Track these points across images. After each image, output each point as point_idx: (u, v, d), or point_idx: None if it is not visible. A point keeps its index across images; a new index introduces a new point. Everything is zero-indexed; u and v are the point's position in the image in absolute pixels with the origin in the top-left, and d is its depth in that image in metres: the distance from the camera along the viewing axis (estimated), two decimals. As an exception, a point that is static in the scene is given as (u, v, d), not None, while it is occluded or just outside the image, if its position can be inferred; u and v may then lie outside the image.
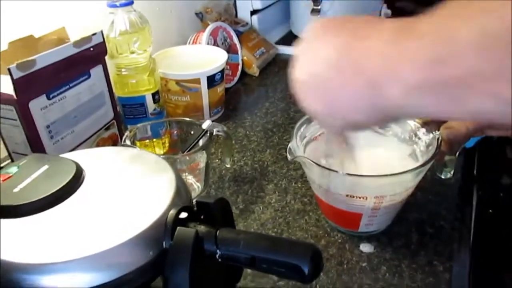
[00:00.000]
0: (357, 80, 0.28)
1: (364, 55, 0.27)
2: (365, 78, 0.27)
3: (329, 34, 0.30)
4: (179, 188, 0.37)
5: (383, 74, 0.26)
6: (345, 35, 0.29)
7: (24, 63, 0.44)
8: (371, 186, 0.46)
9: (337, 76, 0.29)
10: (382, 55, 0.26)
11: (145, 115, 0.65)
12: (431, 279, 0.45)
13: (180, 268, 0.31)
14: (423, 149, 0.50)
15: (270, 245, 0.33)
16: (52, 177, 0.36)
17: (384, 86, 0.26)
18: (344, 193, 0.46)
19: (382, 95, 0.27)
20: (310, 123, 0.53)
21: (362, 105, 0.29)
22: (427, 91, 0.24)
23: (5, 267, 0.29)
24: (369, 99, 0.28)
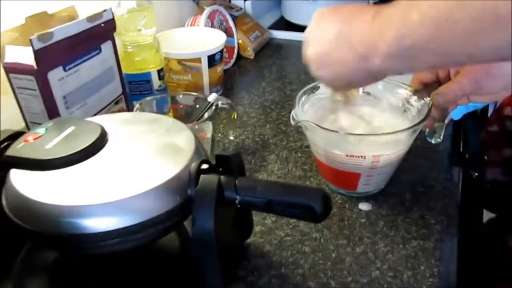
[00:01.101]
0: (349, 54, 0.38)
1: (352, 35, 0.38)
2: (356, 52, 0.37)
3: (328, 19, 0.41)
4: (197, 144, 0.40)
5: (368, 48, 0.36)
6: (340, 20, 0.39)
7: (44, 35, 0.47)
8: (369, 145, 0.50)
9: (336, 51, 0.39)
10: (364, 32, 0.37)
11: (150, 91, 0.68)
12: (424, 230, 0.49)
13: (206, 209, 0.34)
14: (415, 114, 0.54)
15: (285, 189, 0.37)
16: (79, 136, 0.39)
17: (370, 57, 0.36)
18: (344, 154, 0.50)
19: (370, 64, 0.37)
20: (310, 93, 0.57)
21: (358, 72, 0.39)
22: (396, 57, 0.35)
23: (51, 210, 0.32)
24: (363, 68, 0.38)
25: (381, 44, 0.35)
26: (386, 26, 0.34)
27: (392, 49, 0.34)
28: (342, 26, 0.39)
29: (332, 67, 0.41)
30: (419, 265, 0.45)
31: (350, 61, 0.38)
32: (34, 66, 0.48)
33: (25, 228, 0.33)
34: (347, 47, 0.38)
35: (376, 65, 0.36)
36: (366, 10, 0.37)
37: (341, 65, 0.40)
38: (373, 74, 0.39)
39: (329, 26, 0.40)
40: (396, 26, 0.33)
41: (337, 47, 0.39)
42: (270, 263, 0.46)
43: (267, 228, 0.51)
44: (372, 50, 0.36)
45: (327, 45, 0.40)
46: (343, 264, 0.46)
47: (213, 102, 0.59)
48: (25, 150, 0.37)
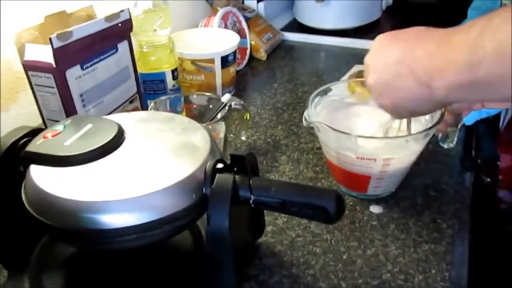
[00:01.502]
0: (412, 82, 0.37)
1: (415, 63, 0.37)
2: (417, 79, 0.36)
3: (389, 45, 0.40)
4: (213, 144, 0.40)
5: (431, 76, 0.35)
6: (401, 46, 0.38)
7: (63, 34, 0.48)
8: (380, 148, 0.50)
9: (396, 79, 0.39)
10: (428, 59, 0.35)
11: (164, 91, 0.68)
12: (436, 234, 0.49)
13: (221, 207, 0.35)
14: (428, 118, 0.54)
15: (299, 190, 0.37)
16: (97, 133, 0.40)
17: (433, 84, 0.35)
18: (355, 156, 0.50)
19: (433, 92, 0.36)
20: (323, 95, 0.57)
21: (418, 100, 0.38)
22: (464, 87, 0.33)
23: (71, 205, 0.33)
24: (426, 97, 0.37)
25: (448, 72, 0.33)
26: (455, 53, 0.33)
27: (461, 78, 0.32)
28: (403, 53, 0.38)
29: (393, 95, 0.40)
30: (430, 268, 0.45)
31: (412, 89, 0.37)
32: (53, 64, 0.49)
33: (44, 222, 0.34)
34: (408, 75, 0.37)
35: (440, 94, 0.35)
36: (431, 35, 0.36)
37: (402, 94, 0.39)
38: (437, 103, 0.38)
39: (390, 53, 0.39)
40: (467, 54, 0.32)
41: (397, 75, 0.38)
42: (281, 262, 0.47)
43: (279, 228, 0.51)
44: (436, 78, 0.35)
45: (387, 73, 0.39)
46: (354, 266, 0.46)
47: (226, 102, 0.60)
48: (45, 147, 0.38)
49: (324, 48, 1.05)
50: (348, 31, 1.09)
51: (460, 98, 0.36)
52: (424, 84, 0.36)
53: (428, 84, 0.36)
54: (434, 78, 0.35)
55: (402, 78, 0.38)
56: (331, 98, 0.58)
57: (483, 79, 0.31)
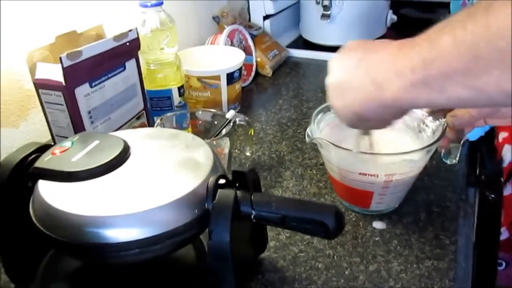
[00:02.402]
0: (365, 81, 0.36)
1: (373, 63, 0.36)
2: (372, 79, 0.35)
3: (353, 50, 0.40)
4: (215, 160, 0.41)
5: (386, 75, 0.34)
6: (363, 50, 0.38)
7: (73, 53, 0.50)
8: (382, 164, 0.50)
9: (352, 79, 0.38)
10: (386, 62, 0.34)
11: (171, 107, 0.70)
12: (439, 250, 0.49)
13: (222, 222, 0.35)
14: (430, 134, 0.54)
15: (298, 205, 0.38)
16: (104, 150, 0.41)
17: (385, 84, 0.34)
18: (357, 171, 0.51)
19: (384, 92, 0.34)
20: (326, 111, 0.58)
21: (367, 101, 0.37)
22: (420, 85, 0.32)
23: (75, 220, 0.34)
24: (375, 96, 0.36)
25: (403, 72, 0.32)
26: (412, 52, 0.32)
27: (416, 75, 0.31)
28: (364, 56, 0.37)
29: (345, 96, 0.39)
30: (433, 285, 0.45)
31: (363, 87, 0.36)
32: (63, 82, 0.50)
33: (50, 236, 0.35)
34: (364, 73, 0.36)
35: (391, 94, 0.34)
36: (389, 43, 0.36)
37: (353, 94, 0.38)
38: (385, 106, 0.36)
39: (352, 56, 0.39)
40: (424, 51, 0.31)
41: (353, 76, 0.38)
42: (283, 278, 0.47)
43: (281, 243, 0.52)
44: (391, 77, 0.33)
45: (344, 74, 0.39)
46: (356, 282, 0.46)
47: (231, 118, 0.61)
48: (53, 162, 0.39)
49: (329, 64, 1.06)
50: (353, 47, 1.10)
51: (413, 98, 0.33)
52: (376, 84, 0.35)
53: (380, 85, 0.34)
54: (388, 79, 0.34)
55: (357, 78, 0.37)
56: (334, 115, 0.59)
57: (435, 75, 0.30)
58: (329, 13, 1.06)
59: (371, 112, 0.38)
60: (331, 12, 1.07)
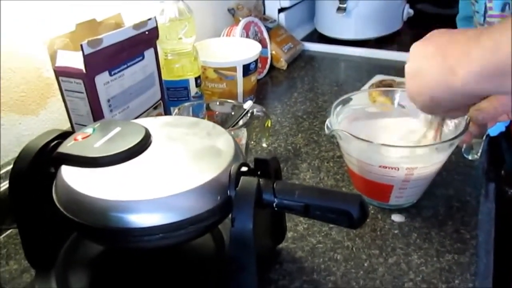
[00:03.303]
0: (441, 67, 0.37)
1: (450, 49, 0.37)
2: (446, 62, 0.37)
3: (436, 37, 0.41)
4: (237, 148, 0.41)
5: (458, 60, 0.36)
6: (444, 37, 0.39)
7: (94, 41, 0.50)
8: (403, 157, 0.50)
9: (429, 65, 0.39)
10: (461, 48, 0.36)
11: (187, 98, 0.70)
12: (459, 245, 0.49)
13: (245, 210, 0.35)
14: (452, 128, 0.54)
15: (322, 194, 0.38)
16: (125, 136, 0.41)
17: (457, 68, 0.36)
18: (378, 164, 0.50)
19: (455, 79, 0.36)
20: (345, 103, 0.57)
21: (439, 85, 0.38)
22: (489, 73, 0.34)
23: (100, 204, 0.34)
24: (447, 82, 0.37)
25: (473, 56, 0.34)
26: (484, 37, 0.34)
27: (484, 63, 0.33)
28: (445, 41, 0.38)
29: (420, 81, 0.41)
30: (454, 279, 0.45)
31: (438, 72, 0.38)
32: (83, 70, 0.50)
33: (74, 221, 0.35)
34: (441, 60, 0.38)
35: (461, 80, 0.35)
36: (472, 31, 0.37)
37: (427, 79, 0.39)
38: (456, 91, 0.37)
39: (432, 41, 0.40)
40: (493, 40, 0.33)
41: (429, 62, 0.39)
42: (302, 268, 0.47)
43: (299, 234, 0.51)
44: (462, 63, 0.35)
45: (422, 61, 0.40)
46: (375, 274, 0.46)
47: (249, 109, 0.61)
48: (75, 148, 0.39)
49: (344, 58, 1.06)
50: (368, 41, 1.10)
51: (479, 87, 0.35)
52: (448, 69, 0.36)
53: (452, 70, 0.36)
54: (459, 64, 0.35)
55: (432, 64, 0.38)
56: (353, 107, 0.59)
57: (504, 62, 0.32)
58: (345, 6, 1.05)
59: (443, 97, 0.39)
60: (347, 5, 1.06)
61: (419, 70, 0.40)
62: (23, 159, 0.41)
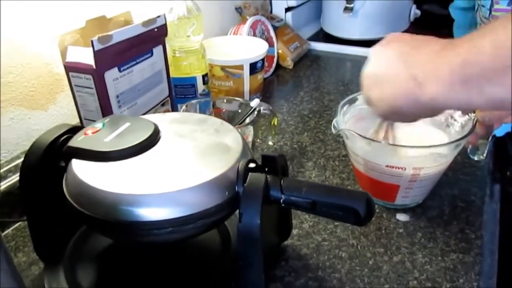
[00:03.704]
0: (405, 76, 0.36)
1: (415, 59, 0.36)
2: (411, 75, 0.36)
3: (396, 43, 0.39)
4: (244, 145, 0.42)
5: (426, 73, 0.34)
6: (406, 44, 0.38)
7: (104, 37, 0.50)
8: (410, 157, 0.50)
9: (391, 72, 0.38)
10: (427, 60, 0.35)
11: (194, 95, 0.70)
12: (464, 244, 0.49)
13: (253, 205, 0.35)
14: (458, 129, 0.54)
15: (329, 191, 0.38)
16: (135, 132, 0.41)
17: (425, 82, 0.34)
18: (384, 164, 0.51)
19: (422, 90, 0.35)
20: (352, 103, 0.58)
21: (404, 96, 0.37)
22: (458, 87, 0.32)
23: (111, 198, 0.34)
24: (411, 92, 0.36)
25: (442, 72, 0.33)
26: (453, 53, 0.33)
27: (455, 77, 0.32)
28: (405, 48, 0.37)
29: (381, 88, 0.39)
30: (458, 278, 0.45)
31: (401, 81, 0.37)
32: (93, 66, 0.51)
33: (84, 214, 0.36)
34: (404, 68, 0.36)
35: (431, 92, 0.34)
36: (440, 40, 0.36)
37: (390, 88, 0.38)
38: (421, 103, 0.36)
39: (393, 47, 0.39)
40: (464, 52, 0.32)
41: (393, 69, 0.38)
42: (307, 265, 0.47)
43: (305, 232, 0.52)
44: (430, 76, 0.34)
45: (383, 66, 0.39)
46: (380, 272, 0.46)
47: (255, 107, 0.61)
48: (86, 142, 0.40)
49: (350, 58, 1.06)
50: (375, 41, 1.10)
51: (447, 101, 0.34)
52: (416, 81, 0.35)
53: (419, 82, 0.35)
54: (428, 78, 0.34)
55: (396, 72, 0.37)
56: (359, 107, 0.59)
57: (474, 76, 0.31)
58: (352, 6, 1.05)
59: (406, 107, 0.38)
60: (353, 5, 1.06)
61: (381, 76, 0.39)
62: (34, 152, 0.41)
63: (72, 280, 0.42)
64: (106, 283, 0.43)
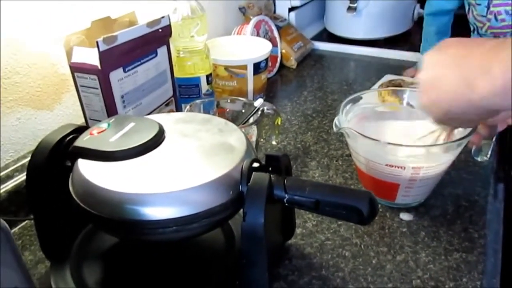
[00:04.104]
0: (457, 79, 0.36)
1: (465, 62, 0.36)
2: (463, 78, 0.36)
3: (450, 48, 0.39)
4: (248, 144, 0.42)
5: (477, 73, 0.35)
6: (462, 49, 0.38)
7: (109, 38, 0.51)
8: (410, 156, 0.50)
9: (445, 77, 0.38)
10: (479, 60, 0.35)
11: (198, 95, 0.71)
12: (467, 243, 0.49)
13: (257, 205, 0.36)
14: (461, 129, 0.54)
15: (333, 190, 0.38)
16: (139, 132, 0.42)
17: (476, 83, 0.35)
18: (384, 163, 0.51)
19: (474, 91, 0.35)
20: (355, 102, 0.58)
21: (458, 99, 0.37)
22: (507, 89, 0.32)
23: (116, 197, 0.35)
24: (464, 95, 0.36)
25: (493, 71, 0.33)
26: (504, 53, 0.32)
27: (505, 74, 0.32)
28: (459, 52, 0.38)
29: (435, 92, 0.39)
30: (461, 277, 0.45)
31: (454, 86, 0.37)
32: (98, 66, 0.51)
33: (90, 212, 0.36)
34: (457, 72, 0.37)
35: (480, 93, 0.34)
36: (493, 40, 0.36)
37: (444, 91, 0.38)
38: (474, 106, 0.36)
39: (448, 52, 0.39)
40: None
41: (446, 73, 0.38)
42: (310, 264, 0.47)
43: (308, 231, 0.52)
44: (480, 77, 0.34)
45: (438, 71, 0.39)
46: (383, 271, 0.46)
47: (259, 107, 0.61)
48: (91, 142, 0.40)
49: (354, 57, 1.06)
50: (378, 41, 1.10)
51: (501, 101, 0.34)
52: (467, 82, 0.35)
53: (471, 83, 0.35)
54: (479, 77, 0.34)
55: (449, 76, 0.37)
56: (362, 106, 0.59)
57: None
58: (356, 6, 1.05)
59: (460, 111, 0.38)
60: (357, 5, 1.06)
61: (436, 81, 0.39)
62: (40, 152, 0.42)
63: (78, 278, 0.43)
64: (112, 281, 0.43)
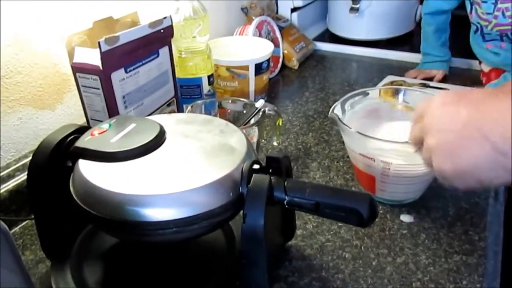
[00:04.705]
0: (483, 146, 0.33)
1: (484, 121, 0.33)
2: (491, 144, 0.32)
3: (452, 105, 0.36)
4: (249, 146, 0.42)
5: (507, 141, 0.31)
6: (466, 104, 0.35)
7: (111, 38, 0.51)
8: (377, 149, 0.51)
9: (464, 143, 0.34)
10: (502, 123, 0.32)
11: (200, 95, 0.71)
12: (468, 246, 0.49)
13: (257, 206, 0.36)
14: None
15: (333, 193, 0.38)
16: (140, 132, 0.42)
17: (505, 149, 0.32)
18: (358, 152, 0.53)
19: (506, 159, 0.32)
20: (355, 99, 0.59)
21: (491, 166, 0.34)
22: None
23: (117, 198, 0.35)
24: (498, 162, 0.33)
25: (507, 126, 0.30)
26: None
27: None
28: (471, 114, 0.34)
29: (459, 161, 0.35)
30: (462, 279, 0.45)
31: (484, 156, 0.33)
32: (100, 67, 0.51)
33: (91, 213, 0.36)
34: (478, 137, 0.33)
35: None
36: (500, 96, 0.33)
37: (472, 160, 0.34)
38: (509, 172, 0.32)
39: (454, 112, 0.35)
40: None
41: (465, 138, 0.34)
42: (311, 265, 0.47)
43: (309, 232, 0.52)
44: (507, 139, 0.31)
45: (452, 136, 0.35)
46: (383, 273, 0.46)
47: (260, 108, 0.61)
48: (92, 143, 0.40)
49: (356, 58, 1.06)
50: (380, 41, 1.10)
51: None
52: (498, 150, 0.32)
53: (503, 150, 0.32)
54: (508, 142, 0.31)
55: (471, 142, 0.34)
56: (364, 103, 0.60)
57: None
58: (358, 7, 1.05)
59: (496, 180, 0.35)
60: (359, 6, 1.06)
61: (451, 146, 0.35)
62: (42, 152, 0.42)
63: (79, 278, 0.43)
64: (112, 281, 0.43)
